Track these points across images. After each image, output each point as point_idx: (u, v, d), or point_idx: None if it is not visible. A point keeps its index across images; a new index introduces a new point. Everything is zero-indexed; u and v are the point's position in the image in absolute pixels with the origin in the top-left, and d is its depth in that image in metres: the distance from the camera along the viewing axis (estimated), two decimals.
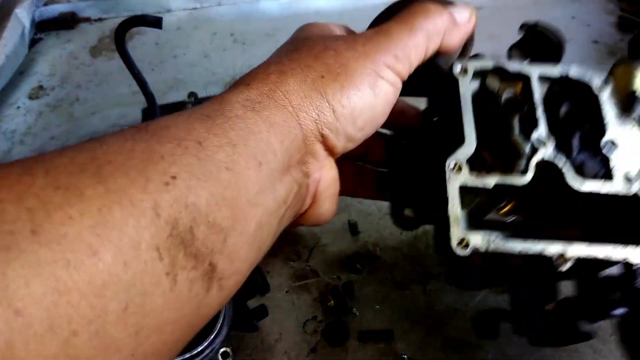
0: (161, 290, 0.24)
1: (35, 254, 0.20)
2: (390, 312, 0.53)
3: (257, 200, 0.30)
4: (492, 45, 0.89)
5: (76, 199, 0.22)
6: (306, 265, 0.58)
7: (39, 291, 0.20)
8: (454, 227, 0.34)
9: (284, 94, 0.34)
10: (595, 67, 0.84)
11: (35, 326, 0.19)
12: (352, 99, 0.35)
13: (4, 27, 0.89)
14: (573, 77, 0.41)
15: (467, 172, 0.36)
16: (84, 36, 0.99)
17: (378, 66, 0.36)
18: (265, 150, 0.31)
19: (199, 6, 1.03)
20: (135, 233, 0.23)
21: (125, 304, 0.22)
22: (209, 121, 0.30)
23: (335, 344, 0.51)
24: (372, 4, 0.99)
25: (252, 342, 0.52)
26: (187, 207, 0.25)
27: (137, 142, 0.26)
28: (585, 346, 0.49)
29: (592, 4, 0.95)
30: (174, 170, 0.26)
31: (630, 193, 0.36)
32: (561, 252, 0.34)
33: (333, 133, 0.35)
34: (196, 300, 0.26)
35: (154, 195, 0.24)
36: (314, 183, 0.37)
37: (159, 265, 0.24)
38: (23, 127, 0.80)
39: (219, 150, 0.28)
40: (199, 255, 0.26)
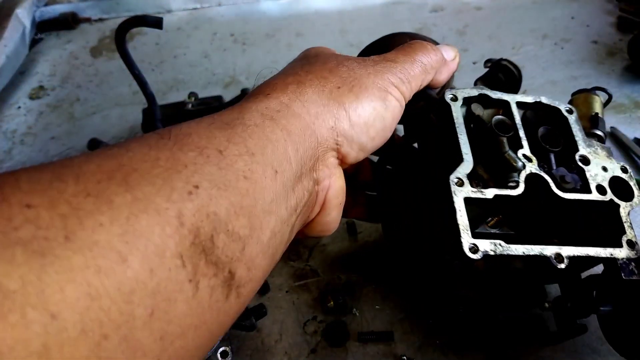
0: (184, 296, 0.25)
1: (69, 260, 0.20)
2: (390, 312, 0.53)
3: (271, 208, 0.31)
4: (492, 45, 0.89)
5: (106, 207, 0.23)
6: (306, 265, 0.58)
7: (72, 296, 0.20)
8: (464, 234, 0.38)
9: (302, 103, 0.36)
10: (595, 67, 0.85)
11: (69, 330, 0.20)
12: (366, 109, 0.38)
13: (4, 28, 0.89)
14: (545, 103, 0.47)
15: (469, 186, 0.40)
16: (85, 36, 0.99)
17: (387, 83, 0.39)
18: (282, 159, 0.32)
19: (199, 6, 1.04)
20: (161, 241, 0.24)
21: (151, 309, 0.23)
22: (228, 129, 0.31)
23: (335, 344, 0.51)
24: (372, 4, 1.00)
25: (252, 343, 0.52)
26: (208, 216, 0.26)
27: (161, 150, 0.27)
28: (585, 346, 0.49)
29: (591, 4, 0.95)
30: (196, 179, 0.26)
31: (605, 200, 0.42)
32: (557, 252, 0.39)
33: (347, 141, 0.37)
34: (216, 307, 0.27)
35: (178, 204, 0.25)
36: (323, 191, 0.38)
37: (182, 273, 0.24)
38: (23, 127, 0.80)
39: (238, 159, 0.29)
40: (219, 263, 0.26)
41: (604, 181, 0.43)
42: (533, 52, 0.87)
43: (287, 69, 0.40)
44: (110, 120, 0.80)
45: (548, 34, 0.90)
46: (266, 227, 0.30)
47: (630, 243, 0.41)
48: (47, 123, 0.81)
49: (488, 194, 0.40)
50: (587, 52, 0.85)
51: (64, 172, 0.24)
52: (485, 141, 0.44)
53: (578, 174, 0.44)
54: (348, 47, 0.90)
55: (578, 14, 0.94)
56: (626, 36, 0.85)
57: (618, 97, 0.76)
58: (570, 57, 0.85)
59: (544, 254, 0.39)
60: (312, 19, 0.99)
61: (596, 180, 0.43)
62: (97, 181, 0.24)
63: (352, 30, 0.94)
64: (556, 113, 0.47)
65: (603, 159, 0.45)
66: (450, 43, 0.93)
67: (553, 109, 0.47)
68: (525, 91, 0.79)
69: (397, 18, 0.97)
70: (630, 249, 0.41)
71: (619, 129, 0.69)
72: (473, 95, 0.46)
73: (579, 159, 0.44)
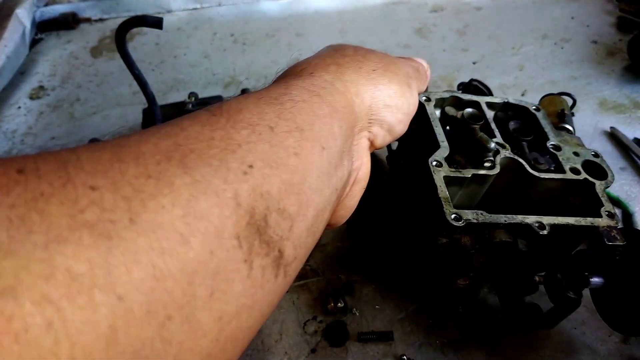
0: (240, 276, 0.25)
1: (134, 242, 0.21)
2: (390, 312, 0.53)
3: (317, 185, 0.31)
4: (492, 45, 0.89)
5: (167, 189, 0.23)
6: (306, 265, 0.58)
7: (138, 277, 0.20)
8: (446, 205, 0.41)
9: (344, 82, 0.37)
10: (595, 67, 0.85)
11: (135, 311, 0.20)
12: (397, 92, 0.40)
13: (4, 28, 0.89)
14: (512, 103, 0.52)
15: (447, 167, 0.44)
16: (85, 36, 0.99)
17: (410, 73, 0.44)
18: (328, 135, 0.33)
19: (199, 6, 1.04)
20: (219, 222, 0.24)
21: (211, 290, 0.23)
22: (277, 105, 0.31)
23: (335, 344, 0.51)
24: (372, 4, 1.00)
25: (252, 343, 0.52)
26: (262, 196, 0.26)
27: (215, 129, 0.27)
28: (584, 346, 0.49)
29: (591, 4, 0.95)
30: (250, 158, 0.27)
31: (580, 179, 0.45)
32: (539, 220, 0.42)
33: (379, 122, 0.40)
34: (267, 286, 0.27)
35: (235, 185, 0.25)
36: (355, 172, 0.39)
37: (239, 253, 0.25)
38: (24, 127, 0.80)
39: (289, 136, 0.30)
40: (270, 242, 0.27)
41: (577, 164, 0.46)
42: (533, 52, 0.87)
43: (320, 54, 0.42)
44: (111, 120, 0.80)
45: (548, 34, 0.90)
46: (312, 205, 0.30)
47: (609, 214, 0.43)
48: (47, 123, 0.81)
49: (466, 173, 0.44)
50: (587, 52, 0.85)
51: (124, 152, 0.24)
52: (459, 133, 0.48)
53: (551, 158, 0.47)
54: None
55: (578, 14, 0.94)
56: (626, 36, 0.85)
57: (618, 97, 0.76)
58: (570, 57, 0.85)
59: (525, 222, 0.41)
60: (312, 19, 0.99)
61: (569, 163, 0.46)
62: (157, 162, 0.24)
63: (352, 30, 0.94)
64: (525, 111, 0.51)
65: (573, 146, 0.48)
66: (450, 43, 0.93)
67: (522, 108, 0.52)
68: (525, 91, 0.79)
69: (397, 18, 0.97)
70: (610, 219, 0.43)
71: (618, 129, 0.69)
72: (445, 97, 0.50)
73: (550, 147, 0.48)
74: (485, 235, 0.43)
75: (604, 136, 0.70)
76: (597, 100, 0.76)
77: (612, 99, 0.76)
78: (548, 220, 0.42)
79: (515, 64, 0.84)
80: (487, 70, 0.84)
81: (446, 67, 0.85)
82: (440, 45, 0.91)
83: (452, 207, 0.41)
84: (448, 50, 0.89)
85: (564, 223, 0.42)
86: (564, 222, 0.42)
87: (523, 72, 0.83)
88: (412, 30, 0.94)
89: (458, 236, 0.43)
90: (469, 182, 0.45)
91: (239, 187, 0.25)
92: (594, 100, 0.76)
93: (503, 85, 0.80)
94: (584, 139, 0.50)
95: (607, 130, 0.70)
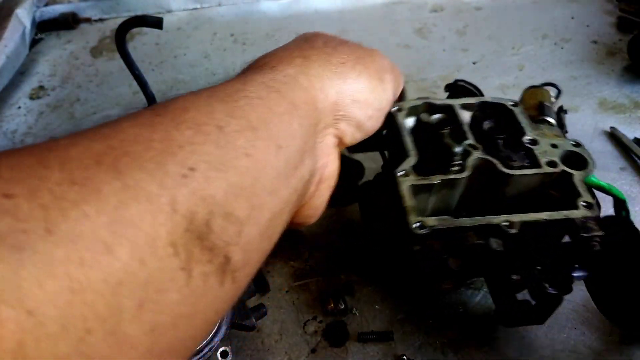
0: (176, 285, 0.24)
1: (49, 254, 0.20)
2: (390, 312, 0.53)
3: (273, 187, 0.29)
4: (492, 45, 0.89)
5: (93, 196, 0.22)
6: (306, 265, 0.58)
7: (52, 290, 0.19)
8: (411, 214, 0.41)
9: (308, 76, 0.35)
10: (595, 67, 0.85)
11: (48, 326, 0.19)
12: (367, 87, 0.39)
13: (4, 28, 0.89)
14: (489, 101, 0.51)
15: (414, 176, 0.44)
16: (85, 36, 0.99)
17: (385, 67, 0.41)
18: (286, 133, 0.31)
19: (199, 6, 1.04)
20: (152, 230, 0.23)
21: (140, 301, 0.22)
22: (230, 102, 0.29)
23: (335, 344, 0.51)
24: (372, 4, 1.00)
25: (252, 343, 0.52)
26: (204, 200, 0.25)
27: (156, 130, 0.26)
28: (585, 346, 0.49)
29: (591, 4, 0.95)
30: (192, 161, 0.25)
31: (557, 172, 0.44)
32: (507, 219, 0.41)
33: (347, 118, 0.38)
34: (211, 294, 0.26)
35: (172, 190, 0.24)
36: (320, 170, 0.37)
37: (175, 261, 0.23)
38: (24, 127, 0.80)
39: (240, 136, 0.28)
40: (214, 248, 0.25)
41: (555, 156, 0.45)
42: (533, 52, 0.87)
43: (289, 45, 0.40)
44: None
45: (548, 34, 0.90)
46: (266, 208, 0.29)
47: (587, 205, 0.42)
48: (47, 123, 0.81)
49: (434, 180, 0.43)
50: (587, 52, 0.85)
51: (49, 157, 0.23)
52: (430, 140, 0.48)
53: (527, 154, 0.47)
54: None
55: (578, 14, 0.94)
56: (626, 36, 0.85)
57: (618, 97, 0.76)
58: (570, 57, 0.85)
59: (493, 222, 0.41)
60: (312, 19, 0.99)
61: (546, 156, 0.46)
62: (85, 167, 0.22)
63: (352, 30, 0.94)
64: (503, 108, 0.51)
65: (552, 138, 0.48)
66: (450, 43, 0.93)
67: (499, 105, 0.51)
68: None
69: (397, 18, 0.97)
70: (587, 209, 0.42)
71: (618, 129, 0.69)
72: (418, 105, 0.50)
73: (526, 142, 0.47)
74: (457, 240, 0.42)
75: (604, 136, 0.70)
76: (597, 100, 0.76)
77: (612, 99, 0.76)
78: (518, 218, 0.41)
79: (515, 64, 0.84)
80: (487, 70, 0.84)
81: (446, 67, 0.85)
82: (440, 45, 0.90)
83: (417, 215, 0.41)
84: (448, 50, 0.89)
85: (535, 219, 0.41)
86: (536, 218, 0.41)
87: (523, 72, 0.83)
88: (412, 30, 0.94)
89: (430, 242, 0.42)
90: (439, 187, 0.44)
91: (177, 191, 0.24)
92: (594, 100, 0.76)
93: (503, 85, 0.80)
94: (584, 139, 0.49)
95: (607, 130, 0.70)
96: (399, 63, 0.50)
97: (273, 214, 0.30)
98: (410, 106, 0.50)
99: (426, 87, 0.82)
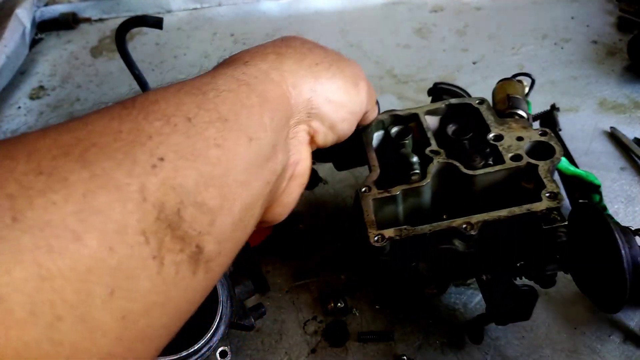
0: (148, 273, 0.24)
1: (16, 242, 0.20)
2: (390, 312, 0.53)
3: (244, 178, 0.30)
4: (492, 45, 0.89)
5: (60, 185, 0.22)
6: (306, 264, 0.58)
7: (20, 277, 0.19)
8: (370, 229, 0.42)
9: (281, 72, 0.35)
10: (595, 67, 0.85)
11: (17, 312, 0.19)
12: (341, 89, 0.39)
13: (4, 28, 0.89)
14: (455, 103, 0.52)
15: (375, 191, 0.45)
16: (85, 36, 0.99)
17: (360, 73, 0.42)
18: (257, 126, 0.31)
19: (199, 7, 1.04)
20: (121, 218, 0.23)
21: (111, 288, 0.22)
22: (199, 95, 0.30)
23: (335, 344, 0.51)
24: (372, 4, 1.00)
25: (252, 343, 0.52)
26: (174, 189, 0.25)
27: (124, 121, 0.26)
28: (584, 346, 0.49)
29: (591, 5, 0.95)
30: (161, 151, 0.25)
31: (522, 165, 0.44)
32: (466, 221, 0.41)
33: (320, 117, 0.38)
34: (183, 283, 0.26)
35: (141, 178, 0.24)
36: (292, 167, 0.38)
37: (146, 249, 0.24)
38: (24, 127, 0.80)
39: (209, 127, 0.28)
40: (186, 237, 0.25)
41: (520, 149, 0.45)
42: (533, 52, 0.86)
43: (265, 44, 0.40)
44: None
45: (548, 34, 0.90)
46: (239, 198, 0.29)
47: (551, 195, 0.41)
48: (47, 123, 0.81)
49: (395, 191, 0.44)
50: (587, 52, 0.85)
51: (16, 149, 0.23)
52: (392, 152, 0.49)
53: (492, 151, 0.47)
54: (348, 47, 0.90)
55: (578, 14, 0.94)
56: (626, 36, 0.85)
57: (618, 97, 0.76)
58: (570, 57, 0.85)
59: (452, 226, 0.41)
60: (312, 19, 0.99)
61: (510, 151, 0.45)
62: (52, 158, 0.23)
63: (352, 30, 0.94)
64: (470, 108, 0.51)
65: (518, 131, 0.47)
66: (450, 43, 0.93)
67: (466, 105, 0.51)
68: None
69: (397, 18, 0.97)
70: (551, 200, 0.41)
71: (618, 129, 0.69)
72: (385, 119, 0.51)
73: (491, 139, 0.47)
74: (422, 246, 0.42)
75: (604, 136, 0.70)
76: (597, 100, 0.76)
77: (612, 99, 0.76)
78: (477, 218, 0.41)
79: (515, 64, 0.84)
80: (487, 70, 0.84)
81: (446, 67, 0.85)
82: (440, 45, 0.90)
83: (376, 229, 0.42)
84: (448, 50, 0.89)
85: (495, 217, 0.41)
86: (495, 217, 0.41)
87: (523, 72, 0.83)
88: (412, 31, 0.94)
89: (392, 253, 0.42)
90: (404, 197, 0.45)
91: (146, 180, 0.24)
92: (594, 100, 0.76)
93: None
94: (584, 139, 0.49)
95: (607, 130, 0.70)
96: (399, 63, 0.50)
97: (245, 205, 0.30)
98: (377, 121, 0.50)
99: (426, 87, 0.81)
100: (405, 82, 0.82)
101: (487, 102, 0.51)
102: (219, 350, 0.44)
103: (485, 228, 0.41)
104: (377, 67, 0.85)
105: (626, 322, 0.50)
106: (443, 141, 0.48)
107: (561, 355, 0.48)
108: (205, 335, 0.43)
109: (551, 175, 0.43)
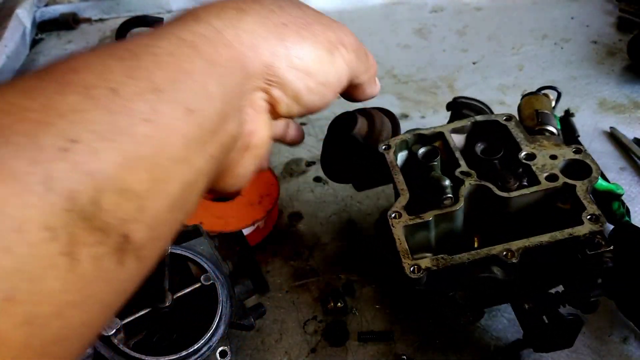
0: (56, 273, 0.21)
1: None
2: (390, 312, 0.53)
3: (183, 155, 0.27)
4: (492, 45, 0.89)
5: None
6: (306, 265, 0.58)
7: None
8: (405, 259, 0.41)
9: (237, 31, 0.31)
10: (595, 67, 0.85)
11: None
12: (310, 55, 0.35)
13: (5, 28, 0.89)
14: (481, 120, 0.49)
15: (406, 216, 0.43)
16: (85, 36, 0.99)
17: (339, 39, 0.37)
18: (199, 95, 0.28)
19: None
20: (19, 213, 0.20)
21: (8, 293, 0.20)
22: (132, 60, 0.26)
23: (335, 344, 0.51)
24: (372, 4, 1.00)
25: (252, 343, 0.52)
26: (89, 175, 0.22)
27: (35, 97, 0.23)
28: (585, 346, 0.49)
29: (591, 5, 0.95)
30: (75, 131, 0.22)
31: (559, 185, 0.42)
32: (507, 248, 0.39)
33: (281, 84, 0.34)
34: (106, 276, 0.24)
35: (46, 165, 0.21)
36: (246, 137, 0.34)
37: (52, 246, 0.21)
38: None
39: (138, 99, 0.25)
40: (106, 228, 0.23)
41: (555, 169, 0.43)
42: (533, 52, 0.87)
43: None
44: None
45: (548, 34, 0.90)
46: (175, 179, 0.26)
47: (592, 217, 0.39)
48: None
49: (427, 217, 0.42)
50: (587, 52, 0.85)
51: None
52: (419, 174, 0.46)
53: (525, 171, 0.45)
54: None
55: (578, 14, 0.94)
56: (626, 36, 0.85)
57: (618, 97, 0.76)
58: (570, 57, 0.85)
59: (491, 254, 0.39)
60: None
61: (545, 170, 0.43)
62: None
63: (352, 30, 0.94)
64: (496, 125, 0.48)
65: (551, 149, 0.45)
66: (450, 43, 0.93)
67: (492, 122, 0.49)
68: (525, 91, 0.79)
69: (397, 18, 0.97)
70: (593, 223, 0.39)
71: (618, 129, 0.69)
72: (408, 139, 0.49)
73: (523, 158, 0.45)
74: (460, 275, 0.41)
75: (604, 136, 0.70)
76: (597, 100, 0.76)
77: (612, 99, 0.76)
78: (518, 245, 0.39)
79: (515, 64, 0.84)
80: (487, 70, 0.84)
81: (446, 67, 0.85)
82: (440, 45, 0.91)
83: (412, 258, 0.40)
84: (448, 50, 0.89)
85: (537, 243, 0.39)
86: (537, 242, 0.39)
87: (523, 72, 0.83)
88: (412, 31, 0.94)
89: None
90: (437, 222, 0.43)
91: (53, 167, 0.21)
92: (594, 100, 0.76)
93: (503, 86, 0.80)
94: (584, 139, 0.49)
95: (607, 130, 0.70)
96: (399, 63, 0.50)
97: (185, 185, 0.27)
98: (400, 141, 0.48)
99: (426, 87, 0.82)
100: (405, 82, 0.82)
101: (515, 119, 0.48)
102: (218, 350, 0.44)
103: (526, 254, 0.39)
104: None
105: (626, 322, 0.50)
106: (471, 160, 0.46)
107: (561, 355, 0.48)
108: (205, 335, 0.43)
109: (590, 195, 0.41)
